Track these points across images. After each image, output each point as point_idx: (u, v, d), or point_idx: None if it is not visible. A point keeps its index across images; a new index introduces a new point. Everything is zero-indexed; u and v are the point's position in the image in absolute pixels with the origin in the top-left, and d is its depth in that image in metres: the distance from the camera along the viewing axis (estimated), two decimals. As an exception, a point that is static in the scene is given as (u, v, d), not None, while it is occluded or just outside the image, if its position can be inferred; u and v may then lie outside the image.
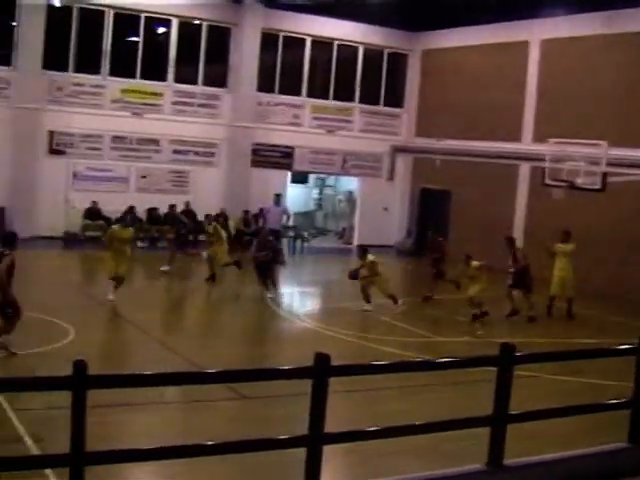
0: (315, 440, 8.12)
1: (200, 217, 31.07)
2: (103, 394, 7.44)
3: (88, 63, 33.44)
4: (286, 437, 8.55)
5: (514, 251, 23.47)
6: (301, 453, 8.28)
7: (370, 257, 23.05)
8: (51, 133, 32.70)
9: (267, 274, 23.99)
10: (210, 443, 8.27)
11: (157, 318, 20.90)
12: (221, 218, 29.39)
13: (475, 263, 22.50)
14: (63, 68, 33.00)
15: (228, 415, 13.25)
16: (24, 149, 31.92)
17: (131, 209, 32.40)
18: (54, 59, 32.53)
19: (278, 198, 33.14)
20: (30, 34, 31.63)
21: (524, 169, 32.75)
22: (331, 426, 8.28)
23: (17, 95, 31.89)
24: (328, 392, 8.18)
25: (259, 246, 24.58)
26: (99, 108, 33.37)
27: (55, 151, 32.83)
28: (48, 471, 9.57)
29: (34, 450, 10.75)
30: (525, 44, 33.07)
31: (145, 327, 19.08)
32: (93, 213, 32.56)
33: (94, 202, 32.41)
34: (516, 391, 9.45)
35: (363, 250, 23.63)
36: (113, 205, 32.11)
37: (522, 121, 33.14)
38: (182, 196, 34.12)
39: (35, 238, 30.30)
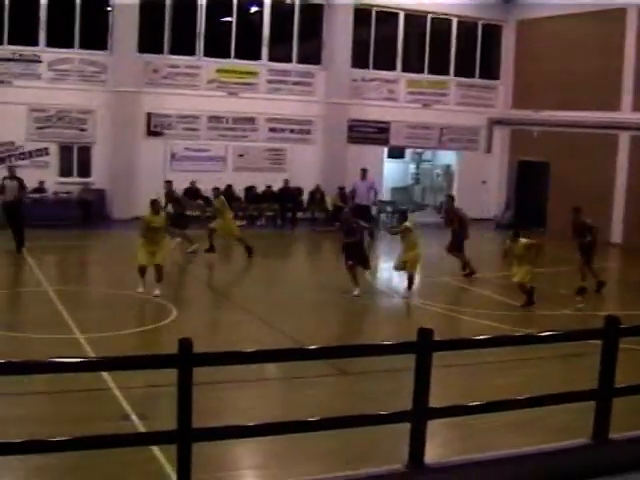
0: (419, 415, 8.09)
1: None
2: (207, 371, 7.53)
3: (183, 45, 33.74)
4: (390, 412, 8.55)
5: (580, 222, 22.17)
6: (401, 428, 8.28)
7: (407, 223, 21.84)
8: (148, 115, 33.16)
9: (358, 255, 21.82)
10: (313, 419, 8.32)
11: (255, 295, 20.95)
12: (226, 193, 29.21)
13: (524, 241, 20.56)
14: (158, 50, 33.38)
15: (329, 391, 13.31)
16: (123, 132, 32.40)
17: (229, 188, 32.73)
18: (149, 42, 32.94)
19: (364, 173, 32.78)
20: (125, 18, 32.03)
21: (624, 138, 32.15)
22: (431, 401, 8.26)
23: (114, 79, 32.38)
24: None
25: (345, 231, 22.07)
26: (195, 89, 33.71)
27: (153, 133, 33.30)
28: (155, 448, 9.80)
29: (140, 427, 10.96)
30: (622, 11, 32.34)
31: (245, 305, 19.23)
32: (191, 193, 32.88)
33: (192, 182, 32.69)
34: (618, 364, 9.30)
35: (402, 213, 23.07)
36: (211, 184, 32.38)
37: (621, 90, 32.48)
38: (279, 174, 34.35)
39: (135, 219, 30.75)
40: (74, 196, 31.81)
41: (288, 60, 35.41)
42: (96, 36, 32.52)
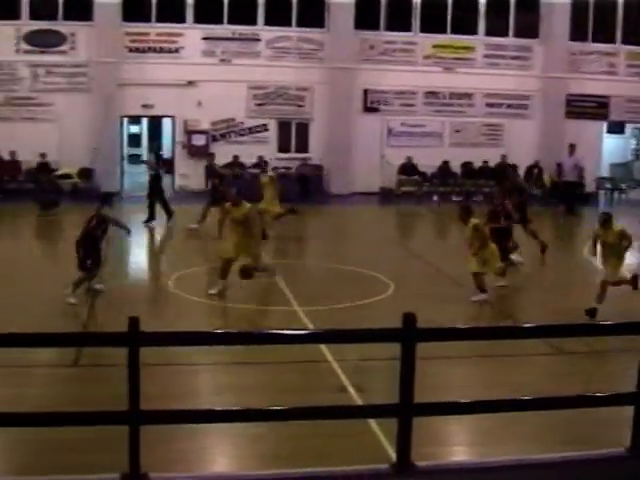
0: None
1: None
2: (424, 347, 7.53)
3: (399, 21, 33.79)
4: (610, 394, 8.33)
5: None
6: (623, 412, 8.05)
7: (474, 221, 17.45)
8: (365, 91, 33.46)
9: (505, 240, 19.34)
10: (527, 398, 8.21)
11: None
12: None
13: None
14: (374, 27, 33.58)
15: (546, 370, 13.09)
16: (340, 108, 32.83)
17: (445, 164, 32.67)
18: (365, 19, 33.14)
19: (572, 149, 31.81)
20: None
21: None
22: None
23: (331, 56, 32.83)
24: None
25: (492, 215, 19.62)
26: (411, 65, 33.73)
27: (369, 109, 33.57)
28: (371, 421, 9.90)
29: (358, 400, 11.08)
30: None
31: (461, 281, 19.05)
32: (408, 168, 32.98)
33: (409, 157, 32.82)
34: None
35: (465, 210, 17.94)
36: (427, 160, 32.44)
37: None
38: (496, 149, 33.98)
39: (352, 194, 31.18)
40: (292, 171, 32.49)
41: (505, 34, 34.86)
42: (313, 14, 32.99)
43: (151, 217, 25.37)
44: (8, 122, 31.61)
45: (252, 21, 32.76)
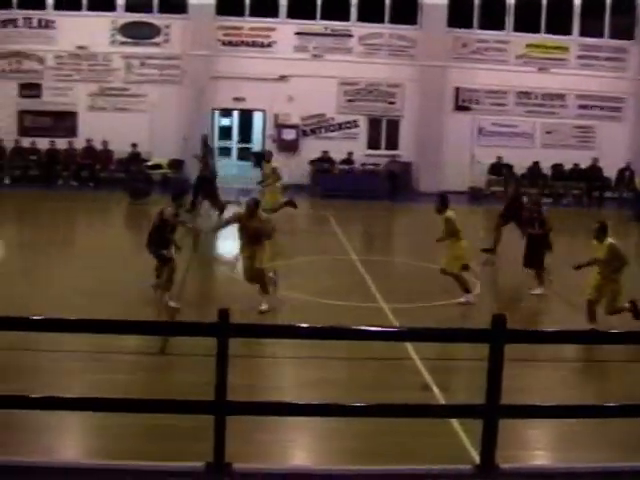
0: None
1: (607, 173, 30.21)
2: (510, 348, 7.46)
3: (492, 19, 33.53)
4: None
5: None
6: None
7: (449, 213, 16.54)
8: (456, 90, 33.30)
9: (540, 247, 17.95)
10: (612, 404, 8.11)
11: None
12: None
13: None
14: (467, 25, 33.38)
15: (636, 378, 12.83)
16: (431, 106, 32.74)
17: (535, 165, 32.38)
18: (458, 17, 32.96)
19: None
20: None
21: None
22: None
23: (423, 53, 32.76)
24: None
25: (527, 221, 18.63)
26: (503, 64, 33.47)
27: (460, 107, 33.40)
28: (453, 420, 9.84)
29: (441, 399, 11.03)
30: None
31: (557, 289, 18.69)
32: (498, 168, 32.72)
33: (499, 157, 32.56)
34: None
35: (442, 200, 16.87)
36: (518, 161, 32.14)
37: None
38: (587, 152, 33.51)
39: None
40: (381, 168, 32.48)
41: (600, 35, 34.33)
42: (406, 11, 32.91)
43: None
44: (102, 112, 32.26)
45: (345, 17, 32.84)
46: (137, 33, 32.49)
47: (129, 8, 32.48)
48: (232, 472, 7.20)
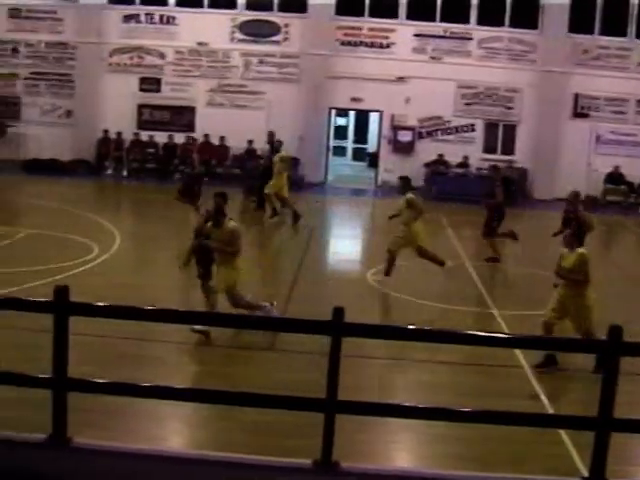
0: None
1: None
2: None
3: (614, 25, 32.91)
4: None
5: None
6: None
7: (409, 195, 17.57)
8: (576, 96, 32.78)
9: None
10: None
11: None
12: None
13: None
14: (589, 31, 32.82)
15: None
16: (548, 112, 32.32)
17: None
18: (580, 22, 32.46)
19: None
20: (557, -2, 31.89)
21: None
22: None
23: (543, 58, 32.35)
24: None
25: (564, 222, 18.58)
26: (625, 71, 32.79)
27: (579, 114, 32.89)
28: (562, 432, 9.74)
29: (549, 409, 10.93)
30: None
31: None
32: (615, 178, 32.15)
33: (616, 167, 31.99)
34: None
35: (405, 182, 18.39)
36: (636, 171, 31.53)
37: None
38: None
39: (556, 200, 30.59)
40: (497, 173, 32.17)
41: None
42: (527, 15, 32.58)
43: (274, 213, 25.00)
44: (220, 108, 32.74)
45: (464, 20, 32.65)
46: (257, 31, 32.87)
47: (249, 6, 32.89)
48: (340, 471, 7.23)
